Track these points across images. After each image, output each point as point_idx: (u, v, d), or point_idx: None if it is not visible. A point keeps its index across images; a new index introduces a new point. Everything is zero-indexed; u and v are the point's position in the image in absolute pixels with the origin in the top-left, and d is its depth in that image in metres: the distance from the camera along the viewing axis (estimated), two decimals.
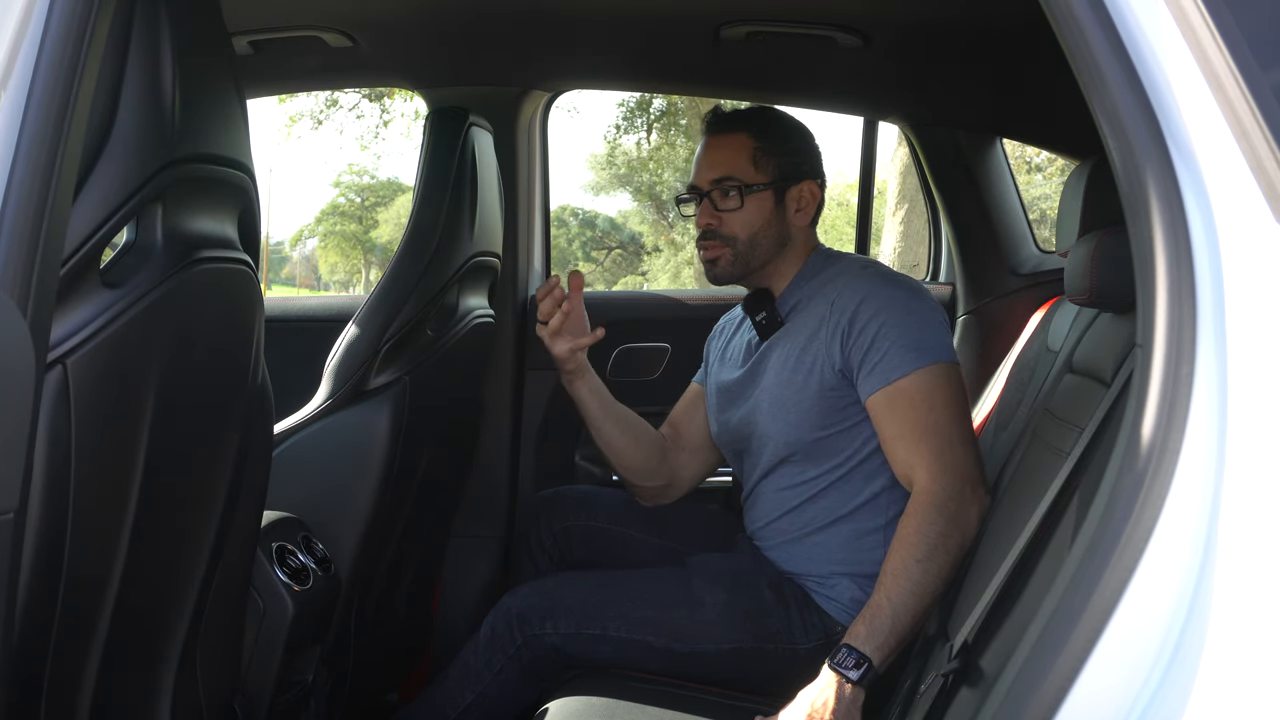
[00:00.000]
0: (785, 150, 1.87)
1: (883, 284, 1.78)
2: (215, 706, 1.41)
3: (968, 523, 1.63)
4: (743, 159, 1.85)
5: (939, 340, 1.74)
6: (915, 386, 1.70)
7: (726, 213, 1.85)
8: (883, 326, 1.72)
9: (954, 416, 1.70)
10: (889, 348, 1.71)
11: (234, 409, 1.30)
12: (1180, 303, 0.84)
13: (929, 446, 1.67)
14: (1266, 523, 0.83)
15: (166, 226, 1.10)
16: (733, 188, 1.84)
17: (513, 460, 2.59)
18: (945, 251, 2.87)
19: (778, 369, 1.84)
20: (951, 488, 1.64)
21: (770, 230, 1.86)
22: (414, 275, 1.83)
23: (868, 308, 1.74)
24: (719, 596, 1.77)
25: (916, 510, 1.64)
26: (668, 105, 17.03)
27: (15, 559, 0.91)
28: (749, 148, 1.86)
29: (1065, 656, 0.84)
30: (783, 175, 1.86)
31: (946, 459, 1.66)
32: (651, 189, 23.62)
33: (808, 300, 1.85)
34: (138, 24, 1.02)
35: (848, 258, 1.91)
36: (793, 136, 1.90)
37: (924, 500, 1.64)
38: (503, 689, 1.79)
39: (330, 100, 15.96)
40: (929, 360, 1.70)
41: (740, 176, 1.85)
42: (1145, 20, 0.88)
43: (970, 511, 1.64)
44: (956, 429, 1.69)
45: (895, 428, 1.71)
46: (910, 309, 1.74)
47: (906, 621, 1.58)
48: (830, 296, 1.80)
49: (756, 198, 1.85)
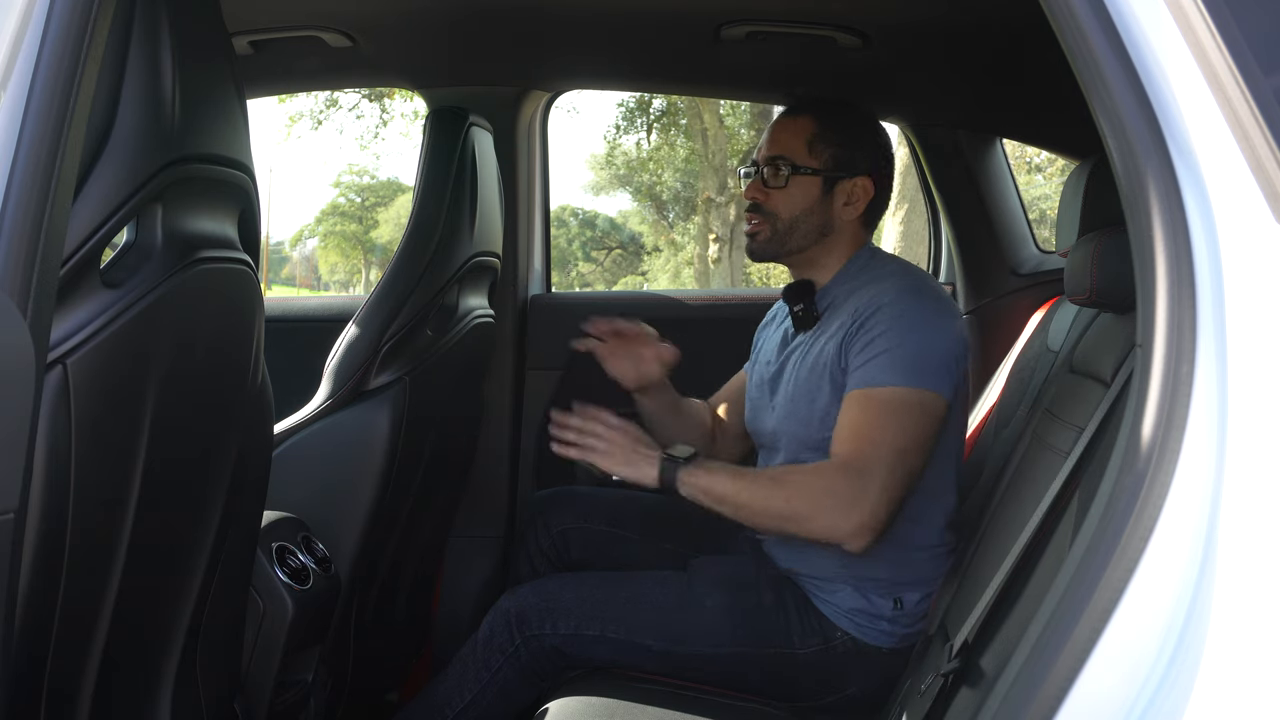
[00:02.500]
0: (844, 141, 1.85)
1: (908, 297, 1.74)
2: (215, 706, 1.41)
3: (823, 518, 1.63)
4: (799, 142, 1.85)
5: (936, 368, 1.69)
6: (886, 399, 1.67)
7: (773, 190, 1.85)
8: (885, 335, 1.69)
9: (901, 445, 1.65)
10: (882, 357, 1.68)
11: (234, 409, 1.30)
12: (1180, 303, 0.84)
13: (860, 445, 1.64)
14: (1266, 523, 0.83)
15: (166, 226, 1.10)
16: (783, 166, 1.85)
17: (513, 460, 2.59)
18: (945, 251, 2.87)
19: (797, 367, 1.84)
20: (849, 482, 1.62)
21: (813, 217, 1.85)
22: (414, 275, 1.83)
23: (881, 316, 1.71)
24: (718, 599, 1.77)
25: (813, 470, 1.68)
26: (668, 105, 17.04)
27: (15, 559, 0.91)
28: (808, 132, 1.85)
29: (1065, 656, 0.84)
30: (836, 165, 1.85)
31: (863, 475, 1.62)
32: (651, 189, 23.60)
33: (842, 300, 1.83)
34: (138, 24, 1.02)
35: (892, 264, 1.87)
36: (857, 130, 1.89)
37: (821, 470, 1.67)
38: (501, 689, 1.79)
39: (330, 100, 15.96)
40: (914, 383, 1.67)
41: (792, 158, 1.85)
42: (1145, 20, 0.88)
43: (831, 524, 1.62)
44: (896, 459, 1.64)
45: (848, 423, 1.68)
46: (922, 329, 1.70)
47: (714, 497, 1.66)
48: (856, 304, 1.77)
49: (803, 181, 1.84)
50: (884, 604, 1.75)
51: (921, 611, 1.75)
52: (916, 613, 1.75)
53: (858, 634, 1.76)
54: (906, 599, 1.75)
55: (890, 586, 1.75)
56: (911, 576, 1.75)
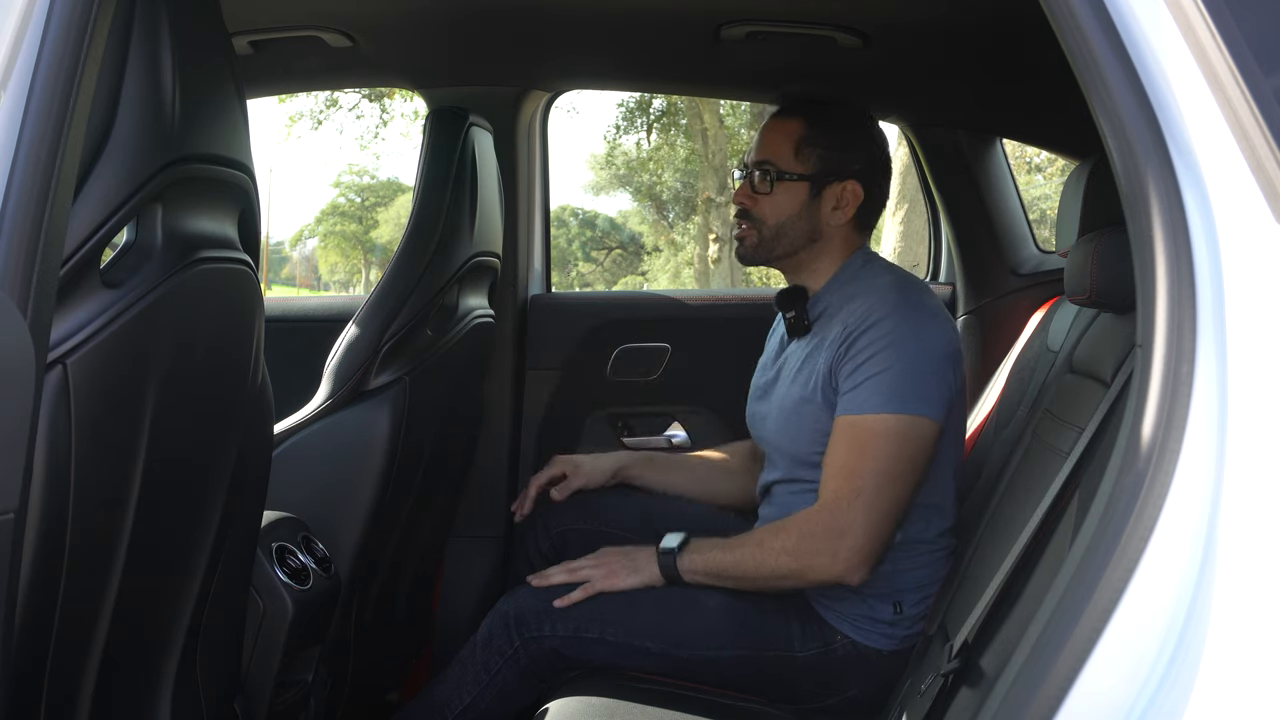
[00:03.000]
0: (832, 144, 1.84)
1: (898, 315, 1.71)
2: (215, 706, 1.41)
3: (815, 572, 1.67)
4: (786, 146, 1.84)
5: (925, 394, 1.68)
6: (873, 429, 1.66)
7: (760, 195, 1.85)
8: (874, 359, 1.68)
9: (888, 474, 1.65)
10: (870, 382, 1.67)
11: (234, 409, 1.30)
12: (1180, 303, 0.84)
13: (842, 486, 1.66)
14: (1266, 523, 0.83)
15: (166, 226, 1.10)
16: (769, 172, 1.84)
17: (513, 460, 2.59)
18: (945, 251, 2.86)
19: (789, 380, 1.83)
20: (829, 531, 1.65)
21: (800, 223, 1.84)
22: (414, 275, 1.83)
23: (871, 336, 1.70)
24: (718, 602, 1.76)
25: (798, 520, 1.69)
26: (668, 105, 17.04)
27: (15, 559, 0.91)
28: (796, 136, 1.84)
29: (1065, 656, 0.84)
30: (824, 169, 1.83)
31: (844, 515, 1.64)
32: (651, 189, 23.61)
33: (835, 309, 1.80)
34: (138, 24, 1.02)
35: (884, 275, 1.83)
36: (848, 132, 1.87)
37: (802, 519, 1.69)
38: (500, 690, 1.79)
39: (330, 100, 15.97)
40: (902, 409, 1.66)
41: (778, 163, 1.84)
42: (1145, 20, 0.88)
43: (824, 568, 1.66)
44: (880, 490, 1.65)
45: (834, 454, 1.70)
46: (912, 350, 1.69)
47: (715, 575, 1.74)
48: (846, 317, 1.75)
49: (789, 187, 1.83)
50: (884, 608, 1.75)
51: (921, 614, 1.75)
52: (916, 615, 1.75)
53: (858, 637, 1.75)
54: (906, 602, 1.75)
55: (890, 591, 1.75)
56: (911, 580, 1.75)
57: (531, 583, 1.82)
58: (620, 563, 1.78)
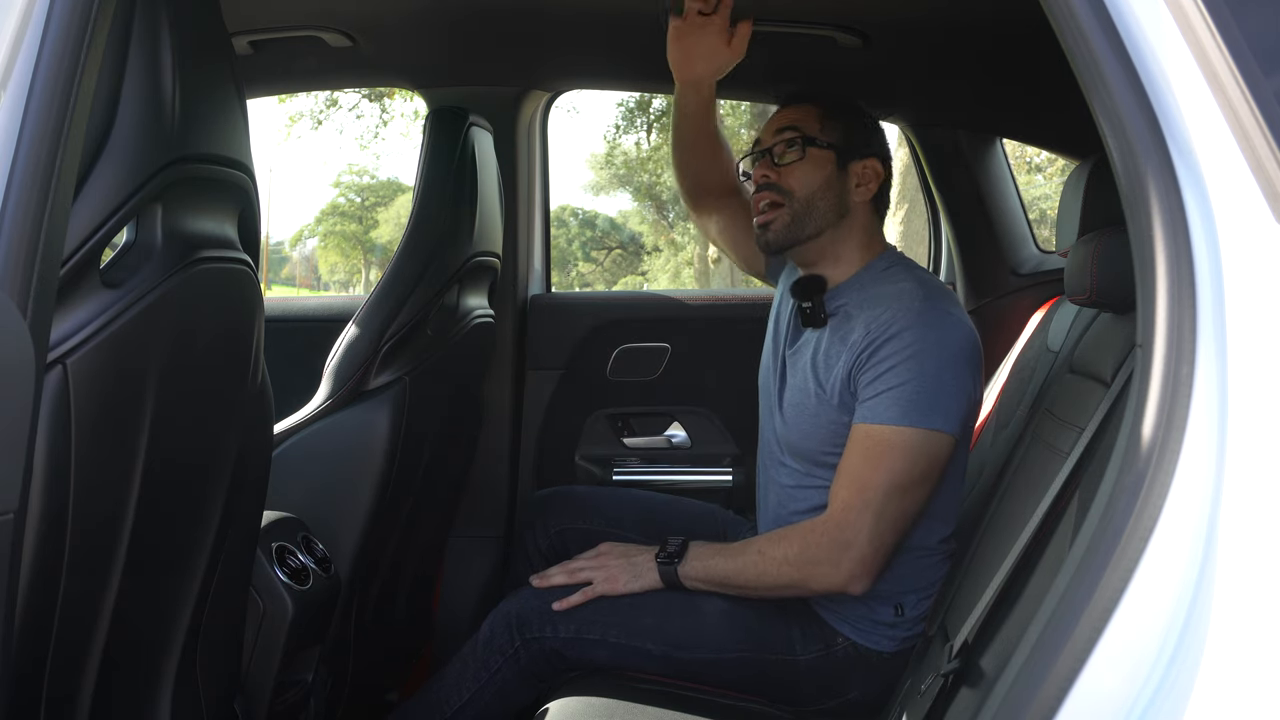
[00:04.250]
0: (852, 123, 1.83)
1: (926, 327, 1.68)
2: (215, 706, 1.41)
3: (817, 581, 1.68)
4: (810, 118, 1.82)
5: (944, 407, 1.65)
6: (888, 439, 1.65)
7: (786, 166, 1.80)
8: (895, 370, 1.66)
9: (899, 487, 1.65)
10: (890, 394, 1.66)
11: (234, 409, 1.30)
12: (1180, 303, 0.84)
13: (852, 497, 1.66)
14: (1266, 523, 0.83)
15: (166, 226, 1.10)
16: (796, 139, 1.79)
17: (513, 460, 2.59)
18: (945, 251, 2.87)
19: (803, 376, 1.80)
20: (834, 543, 1.65)
21: (829, 195, 1.79)
22: (414, 275, 1.83)
23: (897, 345, 1.67)
24: (719, 605, 1.76)
25: (802, 530, 1.69)
26: (668, 105, 17.01)
27: (15, 559, 0.91)
28: (816, 111, 1.82)
29: (1065, 656, 0.84)
30: (848, 144, 1.81)
31: (850, 528, 1.64)
32: (651, 189, 23.60)
33: (855, 308, 1.76)
34: (138, 24, 1.02)
35: (913, 279, 1.77)
36: (861, 114, 1.86)
37: (807, 529, 1.69)
38: (499, 689, 1.79)
39: (330, 100, 15.98)
40: (920, 423, 1.64)
41: (805, 129, 1.80)
42: (1145, 20, 0.88)
43: (825, 577, 1.66)
44: (888, 502, 1.64)
45: (849, 462, 1.69)
46: (935, 365, 1.66)
47: (716, 582, 1.74)
48: (870, 321, 1.71)
49: (819, 154, 1.79)
50: (885, 610, 1.75)
51: (922, 615, 1.75)
52: (917, 616, 1.75)
53: (858, 639, 1.75)
54: (907, 604, 1.75)
55: (891, 593, 1.75)
56: (912, 583, 1.75)
57: (534, 583, 1.81)
58: (620, 566, 1.77)
